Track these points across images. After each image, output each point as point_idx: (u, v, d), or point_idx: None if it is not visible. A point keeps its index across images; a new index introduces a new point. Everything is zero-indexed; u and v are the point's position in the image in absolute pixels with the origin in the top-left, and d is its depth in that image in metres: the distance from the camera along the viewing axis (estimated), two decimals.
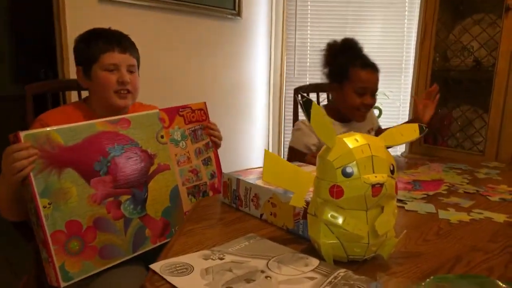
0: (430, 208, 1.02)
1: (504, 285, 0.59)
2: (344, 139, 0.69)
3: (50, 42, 2.00)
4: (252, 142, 3.07)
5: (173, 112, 1.21)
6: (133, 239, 1.08)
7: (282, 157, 3.15)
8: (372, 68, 1.56)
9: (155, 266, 0.67)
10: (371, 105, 1.58)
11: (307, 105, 0.67)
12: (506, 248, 0.79)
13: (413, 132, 0.74)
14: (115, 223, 1.05)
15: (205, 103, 1.29)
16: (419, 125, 0.75)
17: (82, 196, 1.00)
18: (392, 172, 0.68)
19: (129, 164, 1.08)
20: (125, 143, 1.08)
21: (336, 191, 0.66)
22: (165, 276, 0.63)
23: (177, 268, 0.66)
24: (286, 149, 3.24)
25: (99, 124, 1.05)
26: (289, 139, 1.70)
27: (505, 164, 1.63)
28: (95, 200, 1.02)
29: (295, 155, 1.57)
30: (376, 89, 1.58)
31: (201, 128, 1.27)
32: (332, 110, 1.63)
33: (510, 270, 0.70)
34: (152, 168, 1.13)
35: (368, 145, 0.67)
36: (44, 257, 0.97)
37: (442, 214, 0.98)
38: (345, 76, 1.55)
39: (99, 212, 1.02)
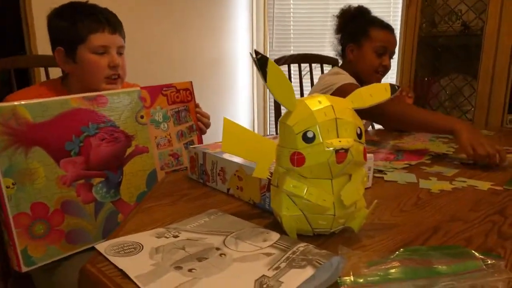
0: (411, 177, 0.96)
1: (480, 256, 0.53)
2: (306, 101, 0.62)
3: (17, 18, 1.90)
4: (236, 118, 3.00)
5: (155, 91, 1.13)
6: (103, 224, 1.02)
7: (268, 133, 3.09)
8: (391, 29, 1.56)
9: (100, 247, 0.61)
10: (388, 68, 1.56)
11: (262, 64, 0.60)
12: (488, 217, 0.73)
13: (384, 92, 0.67)
14: (84, 207, 0.99)
15: (191, 82, 1.21)
16: (391, 84, 0.68)
17: (50, 177, 0.93)
18: (359, 136, 0.62)
19: (103, 145, 1.01)
20: (100, 122, 1.01)
21: (297, 159, 0.59)
22: (108, 257, 0.57)
23: (124, 248, 0.60)
24: (272, 122, 3.18)
25: (73, 100, 0.98)
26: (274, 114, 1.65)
27: (494, 132, 1.57)
28: (64, 182, 0.96)
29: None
30: (394, 51, 1.57)
31: (185, 109, 1.19)
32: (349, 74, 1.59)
33: (491, 240, 0.64)
34: (129, 150, 1.06)
35: (332, 106, 0.60)
36: (6, 240, 0.92)
37: (423, 183, 0.93)
38: (365, 35, 1.55)
39: (68, 195, 0.96)
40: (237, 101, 3.00)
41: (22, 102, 0.91)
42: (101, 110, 1.02)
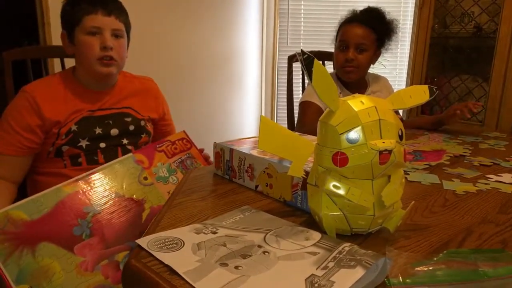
0: (434, 178, 0.97)
1: None
2: (349, 101, 0.62)
3: (31, 8, 1.89)
4: (244, 112, 3.00)
5: (149, 151, 1.10)
6: None
7: None
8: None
9: (142, 241, 0.61)
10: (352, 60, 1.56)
11: (308, 63, 0.60)
12: None
13: (423, 94, 0.68)
14: (119, 287, 0.91)
15: (184, 131, 1.19)
16: (429, 86, 0.69)
17: (68, 269, 0.87)
18: (400, 137, 0.62)
19: (115, 218, 0.96)
20: (102, 197, 0.97)
21: (340, 159, 0.60)
22: (152, 252, 0.57)
23: (166, 243, 0.60)
24: (280, 119, 3.19)
25: (66, 187, 0.94)
26: (283, 109, 1.65)
27: (506, 134, 1.58)
28: (85, 268, 0.88)
29: (311, 109, 1.51)
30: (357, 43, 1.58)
31: (189, 157, 1.16)
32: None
33: None
34: (145, 214, 1.01)
35: (375, 107, 0.61)
36: None
37: (447, 185, 0.93)
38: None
39: (95, 280, 0.89)
40: (245, 96, 3.00)
41: (14, 205, 0.87)
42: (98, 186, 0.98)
